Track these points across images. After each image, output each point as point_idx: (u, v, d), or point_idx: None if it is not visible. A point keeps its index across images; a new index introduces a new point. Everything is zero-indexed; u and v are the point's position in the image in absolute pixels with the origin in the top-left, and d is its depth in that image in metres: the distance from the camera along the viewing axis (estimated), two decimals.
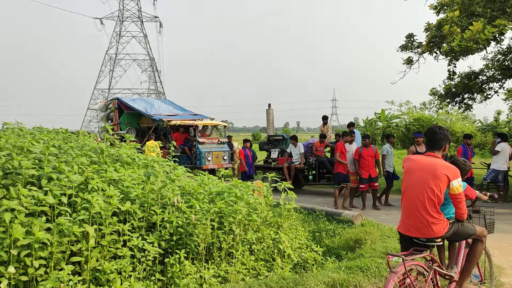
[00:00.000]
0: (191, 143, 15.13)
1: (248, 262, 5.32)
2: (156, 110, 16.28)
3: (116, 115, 16.63)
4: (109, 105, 17.33)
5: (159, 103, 17.57)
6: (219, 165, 14.81)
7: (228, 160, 15.23)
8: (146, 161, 6.40)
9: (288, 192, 6.28)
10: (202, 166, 14.06)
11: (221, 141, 15.48)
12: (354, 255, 5.84)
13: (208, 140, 15.17)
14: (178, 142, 14.90)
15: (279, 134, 15.55)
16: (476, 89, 13.77)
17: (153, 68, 75.15)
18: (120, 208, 4.70)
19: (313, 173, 12.75)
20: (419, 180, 3.42)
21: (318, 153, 12.79)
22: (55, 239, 4.03)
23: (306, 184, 13.17)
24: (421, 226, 3.38)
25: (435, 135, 3.53)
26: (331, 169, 12.01)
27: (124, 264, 4.42)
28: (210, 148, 14.80)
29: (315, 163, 12.47)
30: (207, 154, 14.48)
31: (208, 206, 5.26)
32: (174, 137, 15.01)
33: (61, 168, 4.70)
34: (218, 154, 14.85)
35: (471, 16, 9.27)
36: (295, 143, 12.64)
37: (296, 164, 12.44)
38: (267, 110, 17.23)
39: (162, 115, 15.73)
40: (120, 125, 16.41)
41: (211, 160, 14.55)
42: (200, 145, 14.61)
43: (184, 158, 14.80)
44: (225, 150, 15.17)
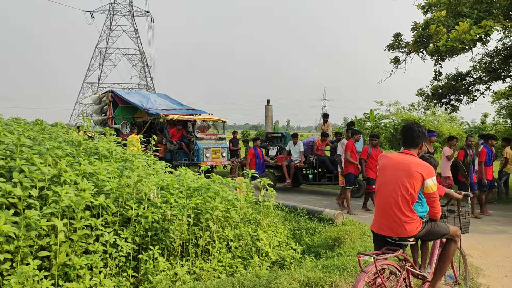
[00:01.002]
0: (188, 139, 14.70)
1: (224, 259, 5.22)
2: (152, 104, 15.80)
3: (110, 108, 16.16)
4: (102, 98, 16.84)
5: (155, 97, 17.09)
6: (218, 162, 14.41)
7: (227, 157, 14.80)
8: (124, 155, 6.26)
9: (268, 189, 6.20)
10: (200, 162, 13.51)
11: (219, 137, 15.01)
12: (332, 253, 5.77)
13: (206, 136, 14.71)
14: (175, 138, 14.63)
15: (277, 131, 15.14)
16: (463, 90, 13.82)
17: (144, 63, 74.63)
18: (93, 202, 4.57)
19: (313, 172, 12.30)
20: (393, 177, 3.35)
21: (319, 151, 12.44)
22: (21, 232, 3.90)
23: (305, 184, 12.85)
24: (394, 225, 3.30)
25: (412, 132, 3.46)
26: (332, 168, 11.80)
27: (95, 260, 4.30)
28: (209, 144, 14.36)
29: (315, 162, 12.10)
30: (206, 150, 14.02)
31: (185, 202, 5.16)
32: (171, 133, 14.68)
33: (33, 160, 4.55)
34: (216, 151, 14.39)
35: (457, 16, 9.25)
36: (296, 141, 12.29)
37: (296, 162, 12.07)
38: (266, 106, 16.78)
39: (158, 109, 15.24)
40: (114, 119, 15.96)
41: (210, 156, 14.11)
42: (198, 141, 14.16)
43: (181, 154, 14.47)
44: (223, 147, 14.72)
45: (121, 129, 15.32)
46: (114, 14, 72.42)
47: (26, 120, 7.06)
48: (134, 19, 73.29)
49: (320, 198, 11.39)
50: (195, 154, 14.03)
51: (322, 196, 12.00)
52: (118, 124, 15.71)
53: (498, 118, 31.18)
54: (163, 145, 14.85)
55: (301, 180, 12.57)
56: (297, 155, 12.19)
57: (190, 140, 14.50)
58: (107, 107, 16.35)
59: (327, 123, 13.99)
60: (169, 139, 14.75)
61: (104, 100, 16.54)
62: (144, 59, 74.50)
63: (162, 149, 14.73)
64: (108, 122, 16.09)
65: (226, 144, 14.99)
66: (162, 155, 14.60)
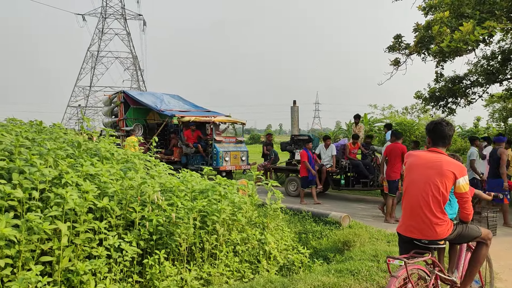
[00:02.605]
0: (205, 142, 14.04)
1: (232, 263, 5.04)
2: (166, 105, 14.93)
3: (121, 110, 15.10)
4: (113, 99, 15.82)
5: (169, 98, 16.07)
6: (237, 166, 13.61)
7: (246, 161, 14.01)
8: (126, 156, 6.07)
9: (274, 192, 6.03)
10: (219, 167, 12.87)
11: (238, 140, 14.26)
12: (342, 257, 5.61)
13: (225, 139, 13.92)
14: (190, 140, 14.01)
15: (304, 134, 14.41)
16: (460, 93, 13.79)
17: (136, 67, 74.19)
18: (96, 205, 4.37)
19: (345, 177, 11.60)
20: (423, 177, 3.17)
21: (351, 155, 11.75)
22: (23, 236, 3.69)
23: (337, 189, 12.16)
24: (424, 227, 3.13)
25: (442, 129, 3.27)
26: (366, 173, 11.25)
27: (99, 265, 4.10)
28: (228, 147, 13.55)
29: (348, 166, 11.44)
30: (225, 154, 13.23)
31: (191, 204, 4.98)
32: (186, 135, 14.02)
33: (32, 161, 4.34)
34: (236, 154, 13.60)
35: (460, 17, 9.19)
36: (328, 144, 11.64)
37: (328, 167, 11.44)
38: (292, 108, 15.74)
39: (173, 110, 14.35)
40: (126, 121, 15.00)
41: (229, 160, 13.32)
42: (217, 144, 13.32)
43: (197, 158, 13.78)
44: (243, 150, 13.93)
45: (133, 131, 14.37)
46: (106, 17, 71.99)
47: (22, 121, 6.83)
48: (126, 22, 72.94)
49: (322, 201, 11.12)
50: (214, 158, 13.23)
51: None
52: (130, 126, 14.81)
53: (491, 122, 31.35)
54: (179, 148, 14.28)
55: (332, 185, 11.93)
56: (328, 158, 11.58)
57: (208, 143, 13.82)
58: (118, 109, 15.36)
59: (358, 125, 13.34)
60: (184, 142, 14.11)
61: (115, 101, 15.60)
62: (137, 63, 74.14)
63: (178, 152, 14.22)
64: (119, 124, 15.18)
65: (245, 148, 14.26)
66: (177, 158, 14.12)
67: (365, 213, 9.30)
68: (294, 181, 12.05)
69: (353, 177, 11.58)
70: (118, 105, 15.25)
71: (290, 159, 13.13)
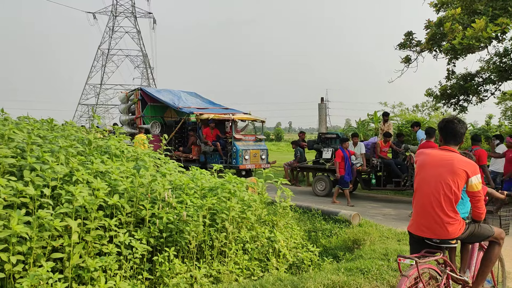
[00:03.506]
0: (224, 140, 13.73)
1: (241, 261, 5.04)
2: (184, 102, 14.73)
3: (138, 107, 14.95)
4: (130, 96, 15.63)
5: (186, 95, 15.87)
6: (257, 165, 13.29)
7: (266, 160, 13.73)
8: (136, 154, 6.09)
9: (283, 190, 6.02)
10: (239, 165, 12.67)
11: (258, 138, 13.96)
12: (352, 256, 5.58)
13: (245, 137, 13.58)
14: (209, 138, 13.76)
15: (332, 132, 14.10)
16: (472, 90, 13.62)
17: (146, 65, 74.47)
18: (107, 202, 4.40)
19: (376, 176, 11.26)
20: (435, 175, 3.13)
21: (382, 154, 11.31)
22: (34, 233, 3.72)
23: (367, 189, 11.79)
24: (435, 226, 3.09)
25: (454, 127, 3.22)
26: (399, 172, 10.84)
27: (109, 262, 4.12)
28: (247, 145, 13.23)
29: (380, 165, 11.04)
30: (244, 152, 12.90)
31: (200, 202, 4.98)
32: (205, 133, 13.74)
33: (44, 159, 4.38)
34: (255, 153, 13.27)
35: (472, 14, 9.08)
36: (356, 141, 11.29)
37: (358, 166, 11.05)
38: (320, 105, 15.30)
39: (191, 108, 14.16)
40: (143, 119, 14.86)
41: (249, 159, 12.99)
42: (236, 142, 12.97)
43: (216, 157, 13.54)
44: (263, 148, 13.65)
45: (150, 129, 14.41)
46: (117, 16, 72.31)
47: (35, 119, 6.89)
48: (136, 21, 73.19)
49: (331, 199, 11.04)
50: (233, 156, 12.96)
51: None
52: (147, 124, 14.70)
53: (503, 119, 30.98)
54: (197, 147, 14.07)
55: (362, 185, 11.52)
56: (358, 157, 11.24)
57: (227, 141, 13.54)
58: (135, 106, 15.18)
59: (387, 123, 12.84)
60: (203, 140, 13.82)
61: (132, 99, 15.39)
62: (147, 61, 74.39)
63: (196, 150, 14.03)
64: (136, 122, 15.08)
65: (265, 146, 14.02)
66: (195, 157, 13.97)
67: (375, 212, 9.24)
68: (322, 180, 11.73)
69: (384, 176, 11.15)
70: (135, 103, 15.12)
71: (318, 157, 12.71)
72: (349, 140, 11.78)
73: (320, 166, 11.95)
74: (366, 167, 11.03)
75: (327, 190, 11.44)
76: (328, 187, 11.43)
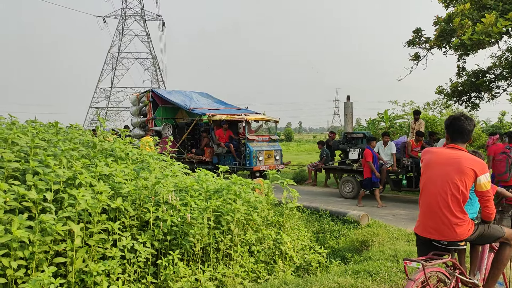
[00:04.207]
0: (237, 141, 13.53)
1: (247, 264, 4.97)
2: (196, 103, 14.55)
3: (150, 109, 14.86)
4: (141, 98, 15.52)
5: (197, 96, 15.69)
6: (271, 166, 12.96)
7: (280, 161, 13.49)
8: (141, 156, 6.05)
9: (290, 190, 5.93)
10: (253, 167, 12.41)
11: (272, 139, 13.71)
12: (361, 257, 5.47)
13: (258, 137, 13.40)
14: (222, 140, 13.55)
15: (359, 132, 13.57)
16: (484, 87, 13.38)
17: (156, 67, 74.82)
18: (110, 205, 4.35)
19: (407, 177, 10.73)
20: (441, 175, 3.01)
21: (414, 153, 10.81)
22: (36, 238, 3.69)
23: (397, 190, 11.30)
24: (443, 228, 2.97)
25: (461, 124, 3.09)
26: None
27: (112, 266, 4.08)
28: (261, 146, 13.01)
29: (411, 166, 10.48)
30: (258, 153, 12.68)
31: (205, 204, 4.92)
32: (217, 134, 13.53)
33: (47, 162, 4.35)
34: (269, 154, 13.07)
35: (482, 9, 8.90)
36: (387, 141, 10.74)
37: (388, 166, 10.54)
38: (345, 103, 14.77)
39: (203, 109, 14.03)
40: (154, 121, 14.77)
41: (263, 160, 12.78)
42: (250, 143, 12.77)
43: (229, 158, 13.33)
44: (277, 149, 13.42)
45: (162, 131, 14.20)
46: (126, 19, 72.78)
47: (42, 122, 6.89)
48: (145, 23, 73.62)
49: (341, 200, 10.90)
50: (247, 157, 12.71)
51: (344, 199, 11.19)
52: (159, 126, 14.54)
53: None
54: (210, 148, 13.86)
55: (392, 186, 10.99)
56: (388, 157, 10.72)
57: (240, 142, 13.33)
58: (147, 108, 15.11)
59: (418, 121, 12.38)
60: (216, 141, 13.60)
61: (143, 101, 15.29)
62: (156, 63, 74.76)
63: (209, 152, 13.83)
64: (148, 124, 14.99)
65: (279, 146, 13.77)
66: (208, 158, 13.76)
67: (385, 212, 9.08)
68: (349, 182, 11.26)
69: (415, 177, 10.62)
70: (147, 105, 15.03)
71: (344, 158, 12.18)
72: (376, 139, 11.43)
73: (347, 167, 11.40)
74: (396, 167, 10.60)
75: (355, 191, 10.97)
76: (356, 189, 10.96)
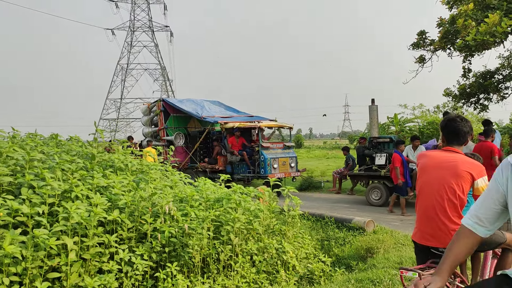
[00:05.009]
0: (250, 149, 13.27)
1: (248, 274, 4.86)
2: (208, 111, 14.35)
3: (161, 118, 14.62)
4: (152, 108, 15.30)
5: (209, 104, 15.47)
6: (287, 173, 12.72)
7: (296, 168, 13.14)
8: (141, 167, 5.99)
9: (292, 198, 5.82)
10: (267, 175, 11.72)
11: (286, 146, 13.36)
12: (365, 265, 5.33)
13: (272, 144, 13.09)
14: (235, 148, 13.24)
15: (385, 136, 13.02)
16: (492, 88, 13.16)
17: (165, 77, 75.29)
18: (106, 218, 4.29)
19: None
20: (437, 179, 2.89)
21: None
22: (29, 253, 3.63)
23: None
24: (440, 234, 2.84)
25: (456, 126, 2.96)
26: None
27: (108, 280, 4.00)
28: (276, 154, 12.68)
29: None
30: (273, 160, 12.36)
31: (204, 214, 4.84)
32: (230, 142, 13.27)
33: (43, 175, 4.31)
34: (284, 161, 12.75)
35: (486, 9, 8.75)
36: (417, 145, 10.17)
37: None
38: (370, 107, 14.02)
39: (215, 117, 13.84)
40: (166, 130, 14.52)
41: (277, 168, 12.44)
42: (264, 151, 12.47)
43: (243, 166, 13.04)
44: (292, 156, 13.11)
45: (174, 140, 14.00)
46: (135, 30, 73.45)
47: (41, 135, 6.89)
48: (154, 34, 74.19)
49: (347, 206, 10.74)
50: (261, 165, 12.37)
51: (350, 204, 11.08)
52: (170, 135, 14.34)
53: None
54: (223, 157, 13.50)
55: None
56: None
57: (254, 149, 13.05)
58: (158, 118, 14.87)
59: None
60: (229, 149, 13.29)
61: (154, 110, 15.09)
62: (165, 73, 75.22)
63: (222, 161, 13.44)
64: (159, 133, 14.78)
65: (294, 153, 13.42)
66: (222, 167, 13.35)
67: (392, 217, 8.90)
68: (378, 188, 10.75)
69: None
70: (158, 114, 14.82)
71: (370, 164, 11.58)
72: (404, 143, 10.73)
73: (375, 173, 10.87)
74: None
75: (384, 199, 10.47)
76: (385, 196, 10.47)
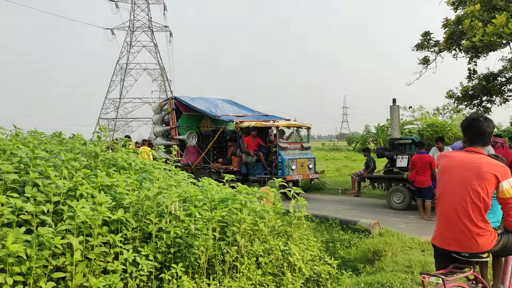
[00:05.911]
0: (267, 149, 12.92)
1: (254, 276, 4.78)
2: (221, 110, 14.00)
3: (173, 117, 14.21)
4: (164, 106, 14.89)
5: (222, 103, 15.10)
6: (305, 175, 12.35)
7: (314, 169, 12.82)
8: (144, 166, 5.91)
9: (298, 199, 5.74)
10: (285, 176, 11.44)
11: (304, 146, 13.01)
12: (373, 268, 5.25)
13: (290, 145, 12.68)
14: (250, 148, 12.83)
15: (407, 137, 12.76)
16: (495, 91, 13.12)
17: (164, 77, 75.12)
18: (110, 217, 4.20)
19: None
20: (460, 181, 2.78)
21: None
22: (33, 252, 3.54)
23: None
24: (463, 238, 2.74)
25: (479, 126, 2.85)
26: None
27: (113, 280, 3.91)
28: (294, 155, 12.29)
29: None
30: (291, 162, 11.96)
31: (209, 215, 4.75)
32: (246, 142, 12.82)
33: (47, 173, 4.22)
34: (302, 162, 12.37)
35: (492, 10, 8.70)
36: (441, 147, 9.83)
37: None
38: (391, 107, 13.57)
39: (230, 116, 13.50)
40: (178, 129, 14.16)
41: (295, 169, 12.05)
42: (282, 151, 12.03)
43: (259, 167, 12.62)
44: (310, 158, 12.74)
45: (187, 140, 13.70)
46: (134, 30, 73.31)
47: (44, 133, 6.80)
48: (153, 35, 74.07)
49: (350, 207, 10.59)
50: (278, 166, 11.94)
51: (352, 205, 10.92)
52: (183, 134, 13.97)
53: None
54: (238, 157, 13.13)
55: None
56: None
57: (270, 150, 12.70)
58: (169, 116, 14.47)
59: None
60: (244, 150, 12.85)
61: (166, 109, 14.67)
62: (164, 73, 75.06)
63: (237, 161, 13.07)
64: (171, 133, 14.45)
65: (312, 155, 13.08)
66: (237, 168, 12.94)
67: (397, 219, 8.81)
68: (400, 191, 10.44)
69: None
70: (170, 112, 14.44)
71: (390, 166, 11.23)
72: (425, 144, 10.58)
73: (397, 176, 10.56)
74: None
75: (406, 202, 10.17)
76: (408, 199, 10.16)
